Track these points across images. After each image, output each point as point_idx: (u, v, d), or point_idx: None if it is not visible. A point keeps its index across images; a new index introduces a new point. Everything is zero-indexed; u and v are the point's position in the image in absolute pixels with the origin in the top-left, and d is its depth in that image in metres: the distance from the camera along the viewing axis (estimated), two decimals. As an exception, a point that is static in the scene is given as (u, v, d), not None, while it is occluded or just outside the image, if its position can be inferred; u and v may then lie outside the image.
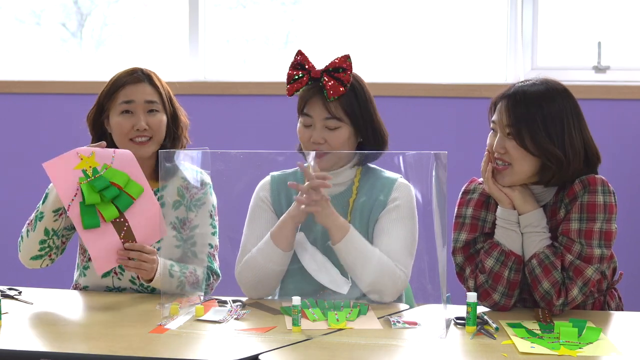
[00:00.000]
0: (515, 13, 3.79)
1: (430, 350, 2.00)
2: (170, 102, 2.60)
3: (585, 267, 2.24)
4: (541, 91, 2.29)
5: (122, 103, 2.52)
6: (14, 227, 3.85)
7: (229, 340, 2.07)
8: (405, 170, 2.32)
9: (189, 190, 2.54)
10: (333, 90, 2.38)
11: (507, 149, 2.28)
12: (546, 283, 2.24)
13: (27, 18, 4.28)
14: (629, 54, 3.80)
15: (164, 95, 2.57)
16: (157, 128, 2.54)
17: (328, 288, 2.39)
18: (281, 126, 2.69)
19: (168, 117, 2.58)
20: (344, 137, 2.42)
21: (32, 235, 2.47)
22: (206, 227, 2.56)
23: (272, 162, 2.50)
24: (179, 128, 2.61)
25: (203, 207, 2.56)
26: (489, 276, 2.30)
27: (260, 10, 4.10)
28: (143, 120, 2.51)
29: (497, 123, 2.31)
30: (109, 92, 2.55)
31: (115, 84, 2.55)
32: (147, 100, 2.54)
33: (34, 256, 2.49)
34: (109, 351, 1.96)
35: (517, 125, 2.26)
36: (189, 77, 3.97)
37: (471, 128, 3.72)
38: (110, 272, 2.54)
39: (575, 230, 2.26)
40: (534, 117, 2.25)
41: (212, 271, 2.55)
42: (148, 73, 2.58)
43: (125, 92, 2.53)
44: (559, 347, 1.98)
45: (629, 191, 2.64)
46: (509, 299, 2.31)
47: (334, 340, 2.06)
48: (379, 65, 3.91)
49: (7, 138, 4.04)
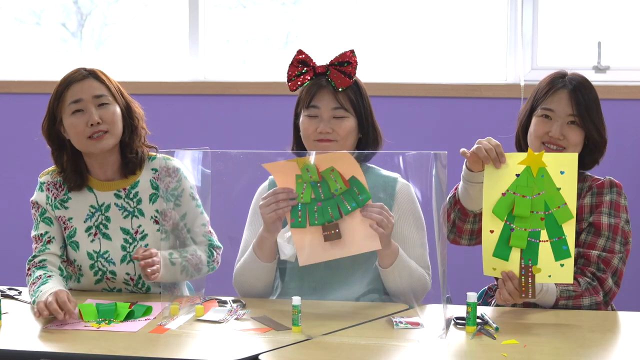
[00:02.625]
0: (515, 13, 3.79)
1: (430, 350, 2.00)
2: (121, 94, 2.56)
3: (611, 258, 2.40)
4: (586, 80, 2.49)
5: (71, 103, 2.48)
6: (14, 227, 3.85)
7: (229, 340, 2.07)
8: (405, 170, 2.32)
9: (162, 181, 2.51)
10: (341, 80, 2.43)
11: (567, 135, 2.41)
12: (586, 300, 2.36)
13: (27, 18, 4.28)
14: (629, 54, 3.80)
15: (112, 88, 2.53)
16: (110, 120, 2.48)
17: (330, 283, 2.39)
18: (281, 126, 2.69)
19: (122, 109, 2.53)
20: (351, 127, 2.45)
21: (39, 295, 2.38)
22: (193, 211, 2.55)
23: (272, 162, 2.50)
24: (134, 119, 2.56)
25: (183, 193, 2.53)
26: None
27: (260, 10, 4.10)
28: (95, 114, 2.46)
29: (555, 112, 2.43)
30: (56, 96, 2.50)
31: (60, 86, 2.51)
32: (95, 95, 2.49)
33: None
34: (109, 351, 1.96)
35: (583, 114, 2.42)
36: (189, 77, 3.97)
37: (471, 128, 3.72)
38: (103, 279, 2.53)
39: (606, 224, 2.42)
40: (592, 105, 2.44)
41: (214, 246, 2.57)
42: (92, 70, 2.53)
43: (71, 92, 2.48)
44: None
45: (629, 191, 2.64)
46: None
47: (334, 340, 2.06)
48: (379, 65, 3.90)
49: (7, 138, 4.04)
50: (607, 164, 2.57)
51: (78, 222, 2.53)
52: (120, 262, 2.51)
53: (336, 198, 2.22)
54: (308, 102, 2.45)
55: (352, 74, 2.44)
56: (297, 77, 2.47)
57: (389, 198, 2.46)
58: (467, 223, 2.45)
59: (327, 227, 2.23)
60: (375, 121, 2.52)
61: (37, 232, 2.52)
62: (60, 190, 2.54)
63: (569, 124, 2.44)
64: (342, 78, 2.43)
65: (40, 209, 2.54)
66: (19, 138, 4.02)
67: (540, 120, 2.45)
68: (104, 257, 2.51)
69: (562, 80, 2.48)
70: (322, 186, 2.22)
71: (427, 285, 2.43)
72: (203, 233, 2.55)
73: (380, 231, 2.21)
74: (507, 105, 3.70)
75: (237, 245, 2.53)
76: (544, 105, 2.45)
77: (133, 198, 2.54)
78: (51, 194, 2.53)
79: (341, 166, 2.22)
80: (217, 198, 2.59)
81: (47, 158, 2.56)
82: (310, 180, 2.22)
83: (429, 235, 2.42)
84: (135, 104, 2.59)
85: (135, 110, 2.58)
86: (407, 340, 2.06)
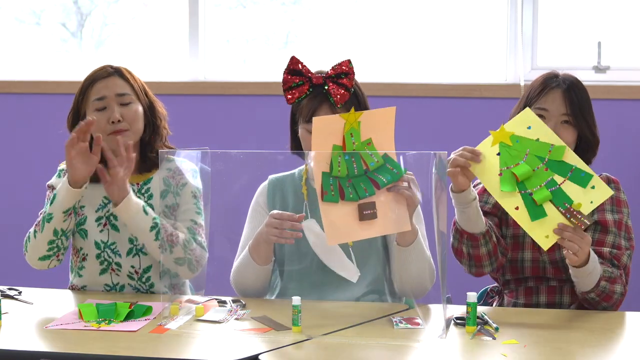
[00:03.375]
0: (515, 13, 3.79)
1: (430, 350, 2.00)
2: (145, 93, 2.59)
3: (621, 255, 2.41)
4: (578, 81, 2.49)
5: (95, 100, 2.52)
6: (14, 227, 3.85)
7: (229, 340, 2.07)
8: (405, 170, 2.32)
9: (175, 178, 2.55)
10: (340, 96, 2.39)
11: (561, 134, 2.36)
12: (618, 287, 2.36)
13: (27, 18, 4.28)
14: (629, 54, 3.80)
15: (136, 87, 2.57)
16: (132, 119, 2.52)
17: (330, 283, 2.39)
18: (281, 126, 2.69)
19: (145, 108, 2.57)
20: None
21: (40, 237, 2.47)
22: (188, 207, 2.55)
23: (272, 162, 2.50)
24: (157, 118, 2.60)
25: (185, 188, 2.55)
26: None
27: (260, 10, 4.10)
28: (117, 112, 2.49)
29: (549, 111, 2.43)
30: (81, 92, 2.55)
31: (85, 82, 2.55)
32: (119, 93, 2.53)
33: (42, 257, 2.49)
34: (109, 351, 1.96)
35: (576, 113, 2.43)
36: (189, 77, 3.96)
37: (471, 128, 3.72)
38: (108, 270, 2.54)
39: (612, 221, 2.44)
40: (584, 104, 2.44)
41: (196, 242, 2.50)
42: (117, 67, 2.58)
43: (96, 89, 2.52)
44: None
45: (629, 191, 2.64)
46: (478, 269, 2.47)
47: (334, 340, 2.06)
48: (379, 66, 3.90)
49: (7, 138, 4.04)
50: (606, 163, 2.57)
51: (90, 210, 2.55)
52: (126, 255, 2.52)
53: (369, 173, 2.19)
54: (308, 117, 2.42)
55: (350, 85, 2.40)
56: (293, 88, 2.44)
57: None
58: (481, 247, 2.41)
59: (365, 206, 2.18)
60: None
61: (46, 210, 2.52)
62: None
63: (563, 123, 2.43)
64: (341, 93, 2.39)
65: (54, 192, 2.52)
66: (19, 138, 4.02)
67: None
68: (110, 248, 2.53)
69: (555, 79, 2.48)
70: (355, 161, 2.19)
71: (434, 275, 2.40)
72: (189, 227, 2.52)
73: (410, 209, 2.22)
74: (507, 105, 3.65)
75: (236, 245, 2.53)
76: (537, 105, 2.45)
77: (145, 193, 2.56)
78: None
79: (378, 136, 2.20)
80: (217, 198, 2.59)
81: (47, 158, 2.56)
82: (352, 147, 2.18)
83: (429, 235, 2.42)
84: (158, 104, 2.62)
85: (159, 110, 2.61)
86: (407, 340, 2.06)
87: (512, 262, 2.51)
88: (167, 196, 2.53)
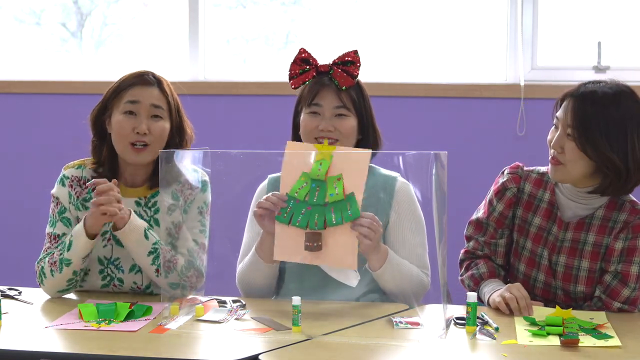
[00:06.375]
0: (515, 13, 3.79)
1: (430, 350, 2.00)
2: (178, 112, 2.51)
3: (632, 310, 2.31)
4: (608, 95, 2.24)
5: (127, 102, 2.44)
6: (14, 227, 3.86)
7: (229, 340, 2.07)
8: (405, 170, 2.32)
9: (183, 193, 2.47)
10: (344, 79, 2.42)
11: (565, 148, 2.25)
12: (616, 303, 2.31)
13: (27, 18, 4.28)
14: (629, 54, 3.80)
15: (171, 103, 2.49)
16: (157, 135, 2.45)
17: (330, 283, 2.40)
18: (281, 126, 2.69)
19: (172, 127, 2.49)
20: (352, 126, 2.45)
21: (59, 276, 2.40)
22: (193, 223, 2.49)
23: (272, 162, 2.50)
24: (184, 140, 2.52)
25: (193, 203, 2.49)
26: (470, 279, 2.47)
27: (260, 10, 4.10)
28: (145, 124, 2.42)
29: (560, 120, 2.28)
30: (116, 90, 2.47)
31: (123, 83, 2.48)
32: (153, 104, 2.45)
33: (61, 290, 2.44)
34: (109, 351, 1.96)
35: (579, 127, 2.22)
36: (189, 77, 3.96)
37: (471, 128, 3.73)
38: (109, 285, 2.49)
39: (635, 275, 2.29)
40: (597, 122, 2.20)
41: (194, 267, 2.45)
42: (159, 78, 2.50)
43: (132, 92, 2.45)
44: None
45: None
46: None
47: (334, 340, 2.06)
48: (379, 65, 3.90)
49: (7, 138, 4.04)
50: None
51: None
52: (129, 271, 2.48)
53: (326, 207, 2.21)
54: (310, 100, 2.44)
55: (356, 73, 2.44)
56: (299, 75, 2.47)
57: (388, 197, 2.46)
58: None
59: (310, 238, 2.22)
60: (376, 123, 2.52)
61: (53, 231, 2.48)
62: (84, 188, 2.48)
63: (567, 137, 2.26)
64: (345, 77, 2.43)
65: (59, 206, 2.49)
66: (19, 138, 4.02)
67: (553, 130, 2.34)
68: (114, 264, 2.48)
69: (585, 86, 2.29)
70: (319, 190, 2.21)
71: (425, 284, 2.42)
72: (189, 248, 2.46)
73: (366, 242, 2.21)
74: (507, 105, 3.70)
75: (236, 245, 2.53)
76: (556, 114, 2.32)
77: (152, 207, 2.50)
78: (74, 192, 2.48)
79: (349, 175, 2.20)
80: (217, 198, 2.59)
81: (47, 158, 2.55)
82: (316, 176, 2.21)
83: (429, 235, 2.42)
84: (188, 125, 2.55)
85: (187, 131, 2.54)
86: (407, 340, 2.06)
87: (524, 276, 2.44)
88: (174, 212, 2.45)
